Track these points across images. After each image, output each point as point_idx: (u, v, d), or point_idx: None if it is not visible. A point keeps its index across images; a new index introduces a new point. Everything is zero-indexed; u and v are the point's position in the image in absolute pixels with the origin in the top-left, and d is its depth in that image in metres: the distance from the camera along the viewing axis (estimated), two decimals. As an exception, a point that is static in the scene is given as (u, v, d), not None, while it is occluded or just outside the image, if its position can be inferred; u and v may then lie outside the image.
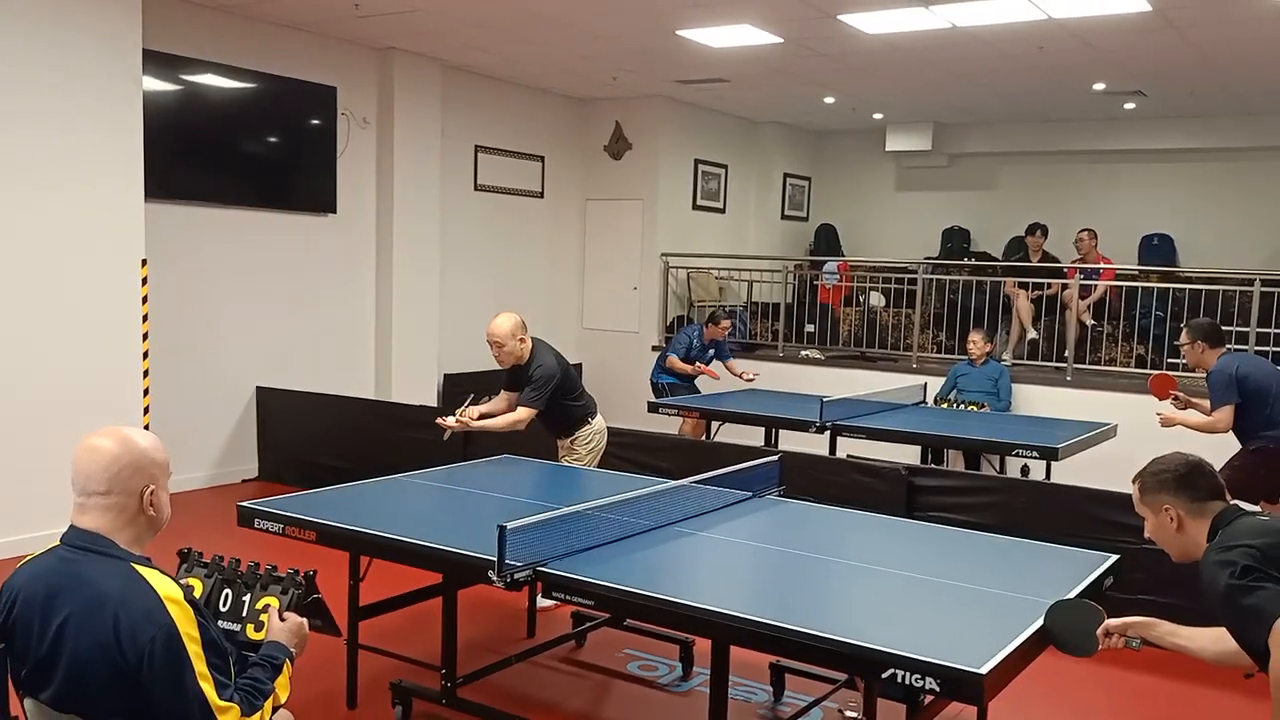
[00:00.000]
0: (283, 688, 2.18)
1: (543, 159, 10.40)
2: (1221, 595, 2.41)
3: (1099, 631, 2.63)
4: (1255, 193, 10.39)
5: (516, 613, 4.85)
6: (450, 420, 5.04)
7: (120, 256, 6.24)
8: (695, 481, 4.03)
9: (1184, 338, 5.78)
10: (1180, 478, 2.61)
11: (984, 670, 2.38)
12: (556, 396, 5.13)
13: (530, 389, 5.06)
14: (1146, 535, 2.70)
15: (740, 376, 8.47)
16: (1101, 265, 9.45)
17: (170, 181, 7.02)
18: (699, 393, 8.45)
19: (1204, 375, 5.78)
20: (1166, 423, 5.71)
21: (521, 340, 5.13)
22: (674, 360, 8.40)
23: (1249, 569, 2.36)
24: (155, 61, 6.79)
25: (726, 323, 8.56)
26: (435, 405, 9.05)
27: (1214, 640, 2.60)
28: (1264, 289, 8.31)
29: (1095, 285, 9.31)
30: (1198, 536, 2.59)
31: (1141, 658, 4.70)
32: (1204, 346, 5.67)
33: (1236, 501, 2.65)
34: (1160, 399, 6.11)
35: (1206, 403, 5.91)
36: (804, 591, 3.13)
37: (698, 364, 8.41)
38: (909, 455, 7.01)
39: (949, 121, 11.30)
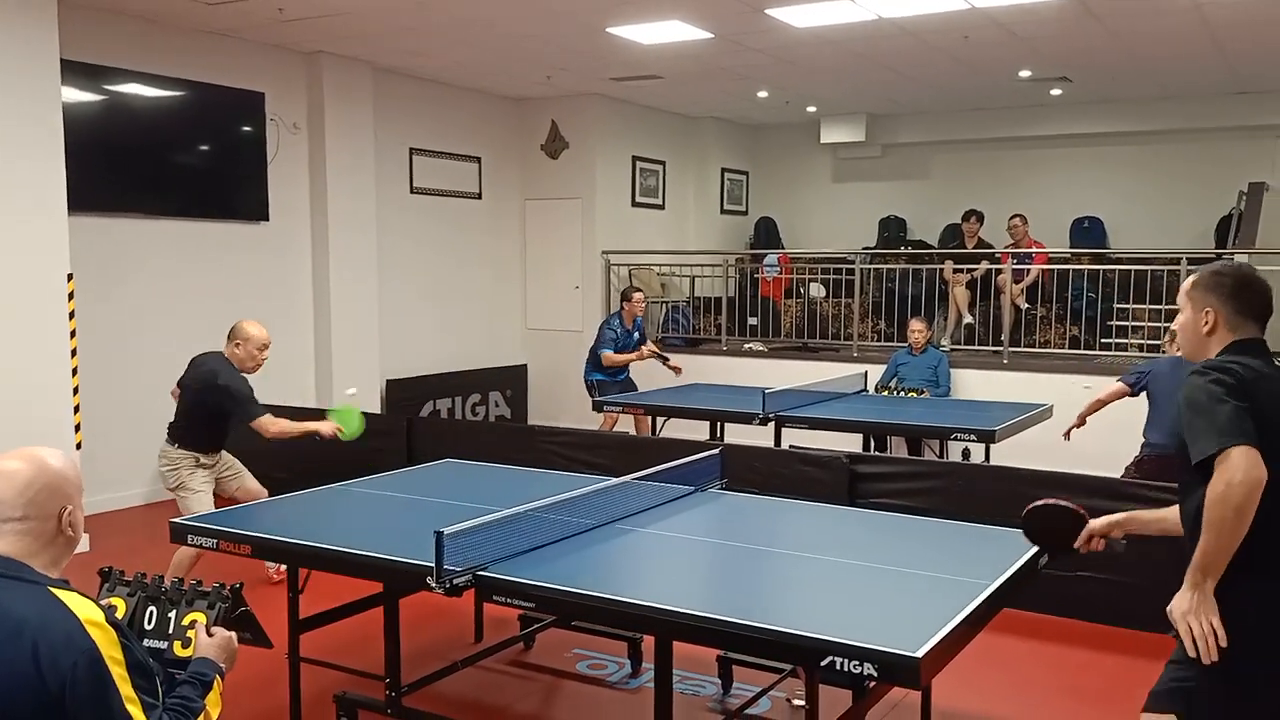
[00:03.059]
0: (214, 704, 2.13)
1: (479, 160, 10.34)
2: (1190, 397, 2.38)
3: (1081, 541, 2.75)
4: (1181, 174, 10.63)
5: (463, 618, 4.81)
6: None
7: (45, 273, 6.10)
8: (636, 478, 4.02)
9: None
10: (1237, 287, 2.52)
11: (919, 654, 2.40)
12: None
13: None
14: (1173, 325, 2.65)
15: (665, 363, 8.47)
16: (1034, 249, 9.62)
17: (95, 194, 6.88)
18: (634, 388, 8.40)
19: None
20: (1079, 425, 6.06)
21: None
22: (612, 356, 8.31)
23: (1232, 387, 2.34)
24: (75, 72, 6.64)
25: (639, 294, 8.50)
26: (379, 411, 8.97)
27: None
28: (1191, 268, 8.49)
29: (1028, 269, 9.47)
30: (1218, 346, 2.52)
31: (1083, 634, 4.81)
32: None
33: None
34: None
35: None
36: (745, 584, 3.14)
37: (642, 349, 8.42)
38: (852, 443, 7.08)
39: (881, 112, 11.42)
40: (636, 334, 8.55)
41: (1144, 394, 5.83)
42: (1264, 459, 2.26)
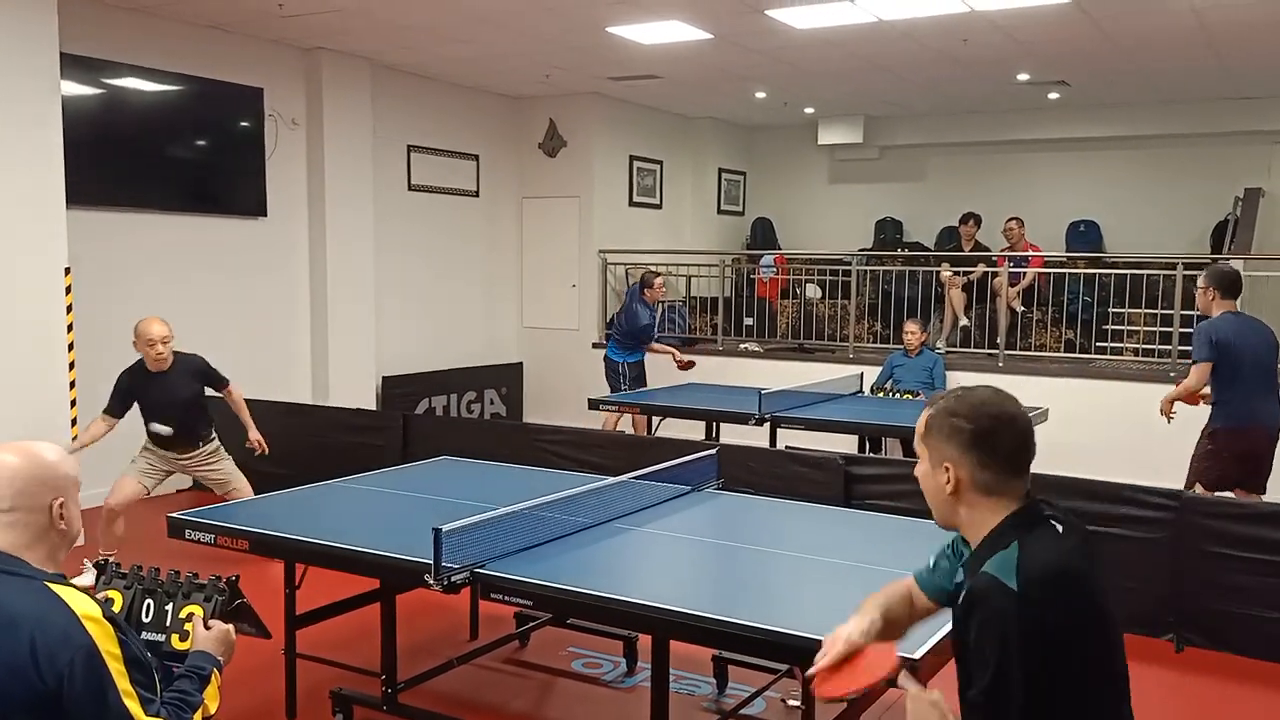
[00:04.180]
0: (212, 698, 2.13)
1: (477, 158, 10.33)
2: (997, 650, 1.75)
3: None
4: (1177, 179, 10.65)
5: (458, 615, 4.81)
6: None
7: (43, 266, 6.09)
8: (633, 477, 4.03)
9: (1200, 281, 5.54)
10: (980, 434, 1.87)
11: (918, 655, 2.41)
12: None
13: (214, 371, 5.74)
14: (915, 472, 2.03)
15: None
16: (1030, 253, 9.64)
17: (94, 187, 6.88)
18: (645, 381, 8.49)
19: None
20: (1166, 409, 5.46)
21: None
22: (658, 346, 8.45)
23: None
24: (74, 65, 6.63)
25: (660, 279, 8.55)
26: (375, 408, 8.97)
27: None
28: (1187, 272, 8.51)
29: (1024, 272, 9.48)
30: (978, 517, 1.91)
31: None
32: (1215, 294, 5.39)
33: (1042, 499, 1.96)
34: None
35: None
36: (741, 583, 3.15)
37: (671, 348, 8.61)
38: (847, 445, 7.09)
39: (879, 114, 11.44)
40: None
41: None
42: None
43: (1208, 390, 5.43)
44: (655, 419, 7.70)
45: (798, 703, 3.48)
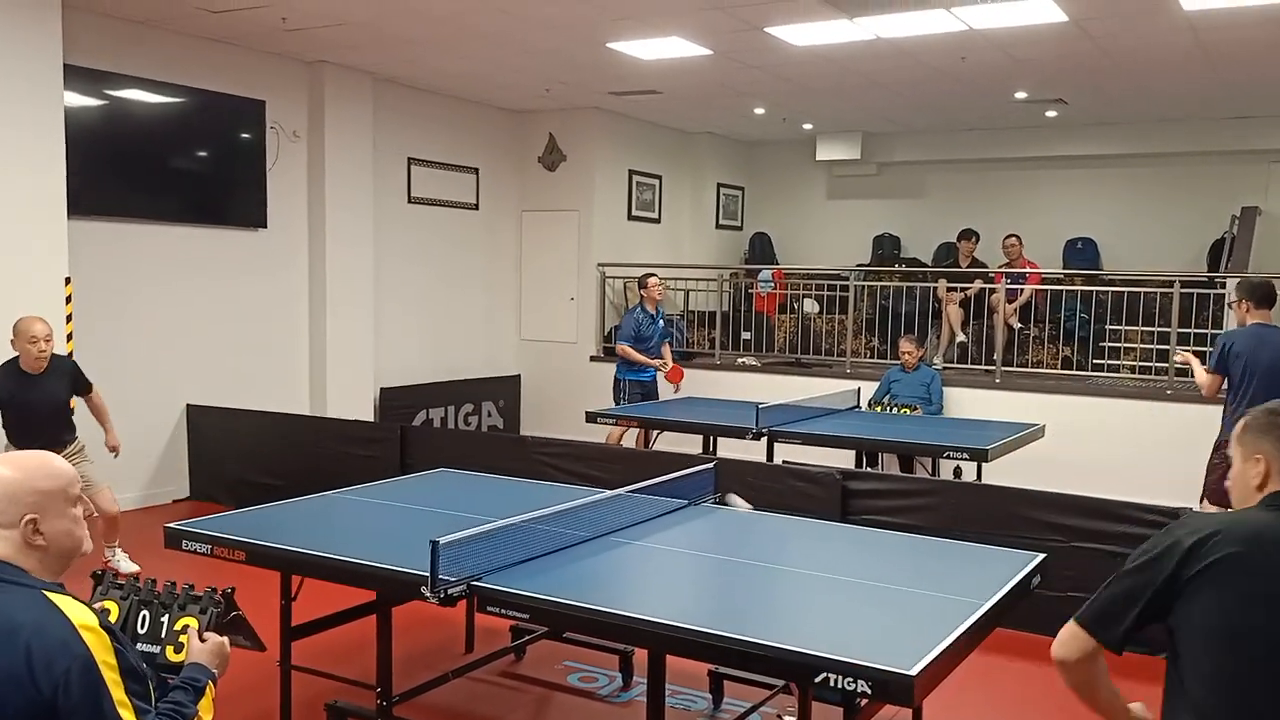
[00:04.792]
0: (206, 710, 2.13)
1: (477, 171, 10.36)
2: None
3: None
4: (1174, 197, 10.69)
5: (453, 627, 4.80)
6: None
7: (43, 275, 6.10)
8: (631, 491, 4.03)
9: (1234, 295, 5.66)
10: None
11: (914, 671, 2.41)
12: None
13: (84, 375, 5.78)
14: (1229, 476, 2.20)
15: (662, 369, 8.41)
16: (1028, 270, 9.66)
17: (95, 198, 6.90)
18: (656, 395, 8.44)
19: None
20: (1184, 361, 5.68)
21: None
22: (625, 349, 8.28)
23: (1154, 558, 2.02)
24: (77, 77, 6.66)
25: (654, 279, 8.47)
26: (372, 419, 8.97)
27: None
28: (1183, 290, 8.54)
29: (1022, 289, 9.51)
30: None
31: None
32: (1249, 305, 5.48)
33: None
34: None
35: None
36: (739, 598, 3.15)
37: (662, 358, 8.43)
38: (844, 459, 7.09)
39: (877, 131, 11.48)
40: (661, 321, 8.52)
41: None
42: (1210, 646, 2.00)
43: None
44: (653, 432, 7.70)
45: (794, 719, 3.47)
